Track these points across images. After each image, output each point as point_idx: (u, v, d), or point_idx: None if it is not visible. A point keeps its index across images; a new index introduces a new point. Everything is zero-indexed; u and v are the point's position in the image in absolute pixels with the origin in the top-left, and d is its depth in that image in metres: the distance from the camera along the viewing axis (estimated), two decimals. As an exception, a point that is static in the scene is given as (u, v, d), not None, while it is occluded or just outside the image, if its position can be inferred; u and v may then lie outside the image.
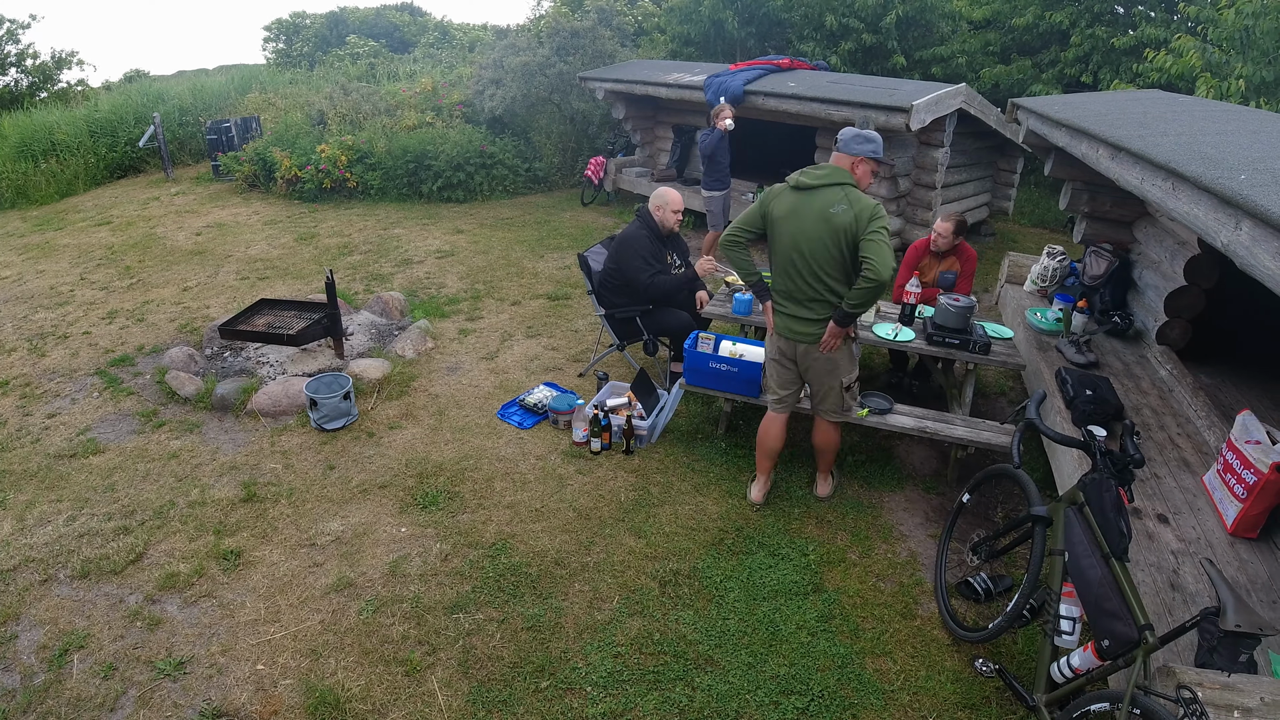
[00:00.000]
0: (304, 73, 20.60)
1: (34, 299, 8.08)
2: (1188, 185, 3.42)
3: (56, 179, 13.20)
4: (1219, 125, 4.72)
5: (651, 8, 18.51)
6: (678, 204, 5.87)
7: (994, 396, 6.37)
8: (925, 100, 7.68)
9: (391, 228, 10.78)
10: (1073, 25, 12.52)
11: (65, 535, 4.43)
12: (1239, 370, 5.45)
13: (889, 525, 4.71)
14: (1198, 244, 5.15)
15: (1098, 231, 6.48)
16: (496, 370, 6.49)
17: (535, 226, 10.97)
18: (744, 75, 9.45)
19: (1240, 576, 3.43)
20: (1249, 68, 8.58)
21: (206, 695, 3.44)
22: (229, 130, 13.90)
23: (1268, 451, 3.54)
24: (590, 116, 13.31)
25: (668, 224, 5.88)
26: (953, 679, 3.61)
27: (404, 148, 12.35)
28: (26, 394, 6.06)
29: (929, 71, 13.60)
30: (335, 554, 4.32)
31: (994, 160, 10.64)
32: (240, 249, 9.82)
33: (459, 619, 3.87)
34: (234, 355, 6.58)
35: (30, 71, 18.47)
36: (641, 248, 5.76)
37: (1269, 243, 2.71)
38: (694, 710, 3.42)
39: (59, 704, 3.37)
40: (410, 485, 4.94)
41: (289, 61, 25.61)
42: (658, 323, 5.90)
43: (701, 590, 4.11)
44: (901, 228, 9.25)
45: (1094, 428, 3.66)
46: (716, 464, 5.23)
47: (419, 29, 27.69)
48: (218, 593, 4.03)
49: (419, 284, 8.53)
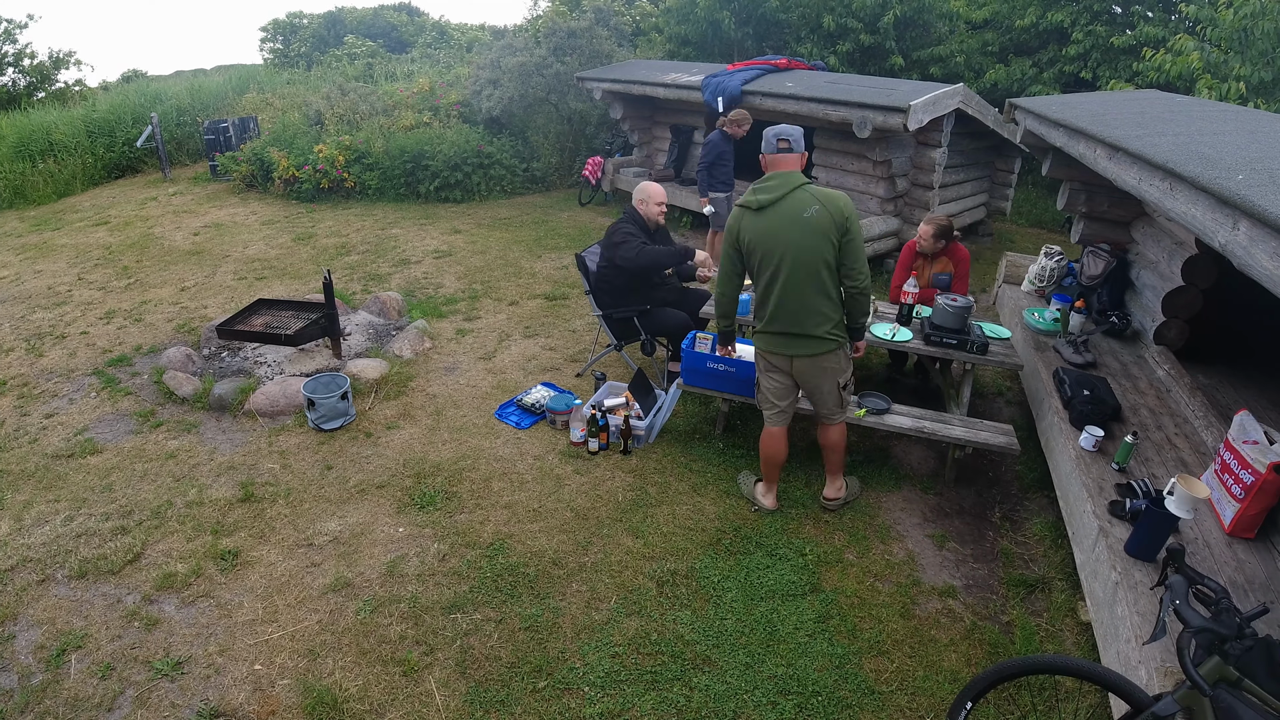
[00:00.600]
0: (301, 73, 20.61)
1: (31, 299, 8.07)
2: (1185, 185, 3.42)
3: (54, 179, 13.18)
4: (1216, 125, 4.72)
5: (649, 8, 18.51)
6: (659, 197, 5.89)
7: (991, 396, 6.37)
8: (923, 100, 7.68)
9: (389, 228, 10.78)
10: (1073, 24, 12.52)
11: (63, 535, 4.42)
12: (1236, 370, 5.45)
13: (886, 525, 4.71)
14: (1195, 244, 5.15)
15: (1095, 231, 6.48)
16: (494, 370, 6.49)
17: (533, 226, 10.96)
18: (741, 75, 9.45)
19: (1238, 577, 3.43)
20: (1247, 68, 8.59)
21: (204, 695, 3.44)
22: (226, 130, 13.91)
23: (1265, 451, 3.53)
24: (588, 116, 13.32)
25: (651, 217, 5.89)
26: (950, 679, 3.61)
27: (401, 148, 12.35)
28: (24, 394, 6.05)
29: (927, 72, 13.60)
30: (333, 554, 4.32)
31: (992, 160, 10.64)
32: (238, 249, 9.81)
33: (456, 619, 3.87)
34: (231, 355, 6.57)
35: (28, 71, 18.45)
36: (627, 226, 5.80)
37: (1266, 243, 2.71)
38: (691, 710, 3.42)
39: (56, 704, 3.37)
40: (408, 485, 4.93)
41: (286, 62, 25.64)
42: (655, 323, 5.90)
43: (699, 590, 4.11)
44: (899, 228, 9.25)
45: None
46: (714, 464, 5.23)
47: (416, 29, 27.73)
48: (215, 593, 4.03)
49: (416, 284, 8.52)
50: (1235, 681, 2.44)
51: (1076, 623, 3.93)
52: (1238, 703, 2.42)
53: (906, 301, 5.54)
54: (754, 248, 4.11)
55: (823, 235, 3.96)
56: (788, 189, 4.00)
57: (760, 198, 4.04)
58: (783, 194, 3.99)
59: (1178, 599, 2.53)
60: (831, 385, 4.37)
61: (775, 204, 4.01)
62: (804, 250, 4.00)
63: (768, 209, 4.03)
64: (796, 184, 4.00)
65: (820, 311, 4.13)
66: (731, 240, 4.20)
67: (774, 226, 4.02)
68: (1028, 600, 4.15)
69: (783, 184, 4.01)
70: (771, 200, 4.01)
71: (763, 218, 4.05)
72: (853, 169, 9.19)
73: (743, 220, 4.12)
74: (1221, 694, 2.45)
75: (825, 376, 4.32)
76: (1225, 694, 2.44)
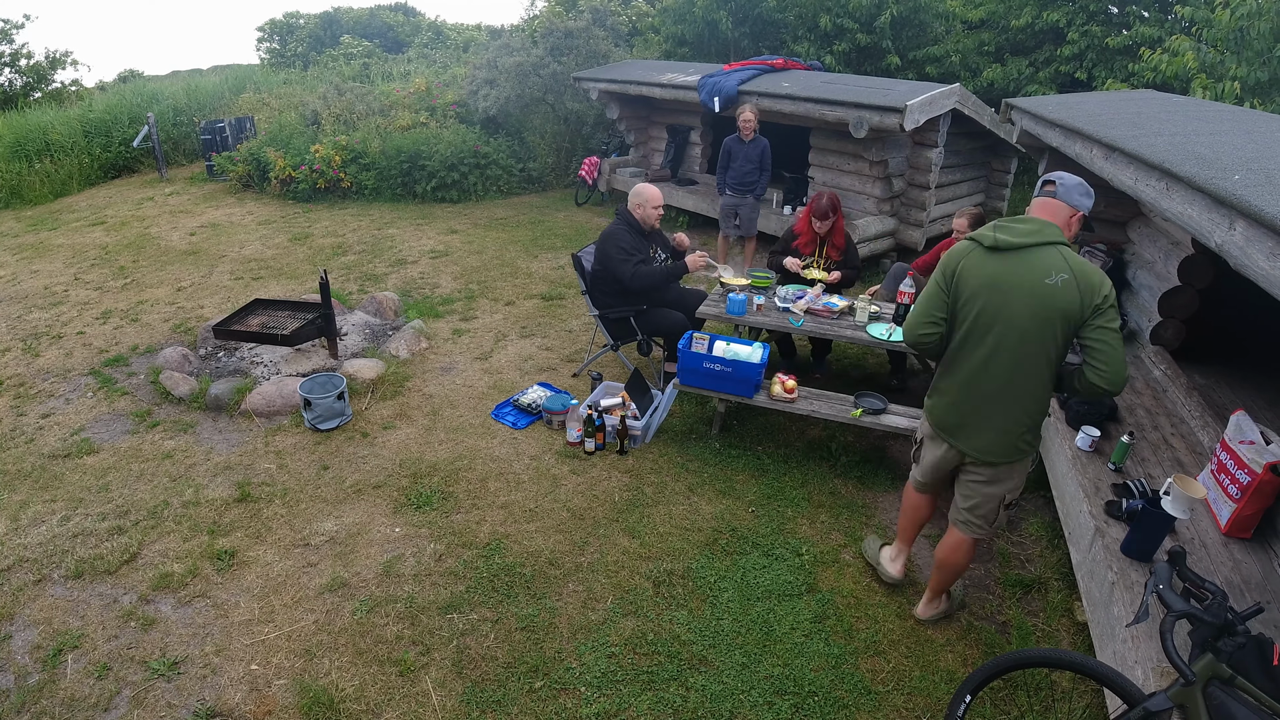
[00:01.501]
0: (298, 73, 20.60)
1: (28, 299, 8.05)
2: (1182, 185, 3.42)
3: (51, 179, 13.16)
4: (1213, 125, 4.73)
5: (645, 8, 18.50)
6: (656, 200, 5.88)
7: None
8: (919, 100, 7.69)
9: (385, 228, 10.77)
10: (1069, 24, 12.54)
11: (59, 535, 4.42)
12: (1233, 370, 5.46)
13: (883, 526, 4.71)
14: (1192, 244, 5.16)
15: (1091, 232, 6.49)
16: (490, 370, 6.49)
17: (529, 226, 10.96)
18: (738, 75, 9.46)
19: (1234, 577, 3.43)
20: (1244, 68, 8.61)
21: (201, 695, 3.43)
22: (223, 130, 13.90)
23: (1262, 452, 3.54)
24: (584, 117, 13.31)
25: (649, 221, 5.89)
26: (946, 679, 3.62)
27: (398, 148, 12.34)
28: (21, 394, 6.04)
29: (923, 72, 13.61)
30: (329, 554, 4.31)
31: (988, 160, 10.65)
32: (234, 249, 9.80)
33: (453, 619, 3.87)
34: (228, 355, 6.57)
35: (25, 72, 18.43)
36: (623, 241, 5.77)
37: (1263, 243, 2.71)
38: (688, 710, 3.42)
39: (53, 704, 3.36)
40: (404, 485, 4.93)
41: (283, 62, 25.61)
42: (652, 323, 5.90)
43: (695, 590, 4.11)
44: (895, 228, 9.27)
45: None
46: (710, 464, 5.22)
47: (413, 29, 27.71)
48: (212, 593, 4.02)
49: (413, 284, 8.52)
50: (1229, 679, 2.45)
51: (1073, 623, 3.94)
52: (1232, 700, 2.43)
53: (903, 302, 5.54)
54: (974, 296, 3.20)
55: (1055, 316, 3.05)
56: (1040, 240, 3.09)
57: (1003, 237, 3.14)
58: (1029, 243, 3.10)
59: (1161, 583, 2.54)
60: (997, 494, 3.51)
61: (1017, 251, 3.12)
62: (1023, 325, 3.12)
63: (1004, 254, 3.14)
64: (1051, 239, 3.09)
65: (1023, 409, 3.28)
66: (947, 276, 3.30)
67: (1003, 279, 3.13)
68: (1024, 600, 4.16)
69: (1038, 233, 3.10)
70: (1015, 245, 3.11)
71: (995, 262, 3.16)
72: (849, 169, 9.19)
73: (969, 257, 3.24)
74: (1215, 691, 2.47)
75: (994, 487, 3.50)
76: (1219, 691, 2.46)
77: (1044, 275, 3.03)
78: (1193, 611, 2.45)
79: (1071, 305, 3.00)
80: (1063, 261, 3.03)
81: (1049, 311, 3.04)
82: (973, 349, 3.27)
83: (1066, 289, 3.00)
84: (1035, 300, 3.05)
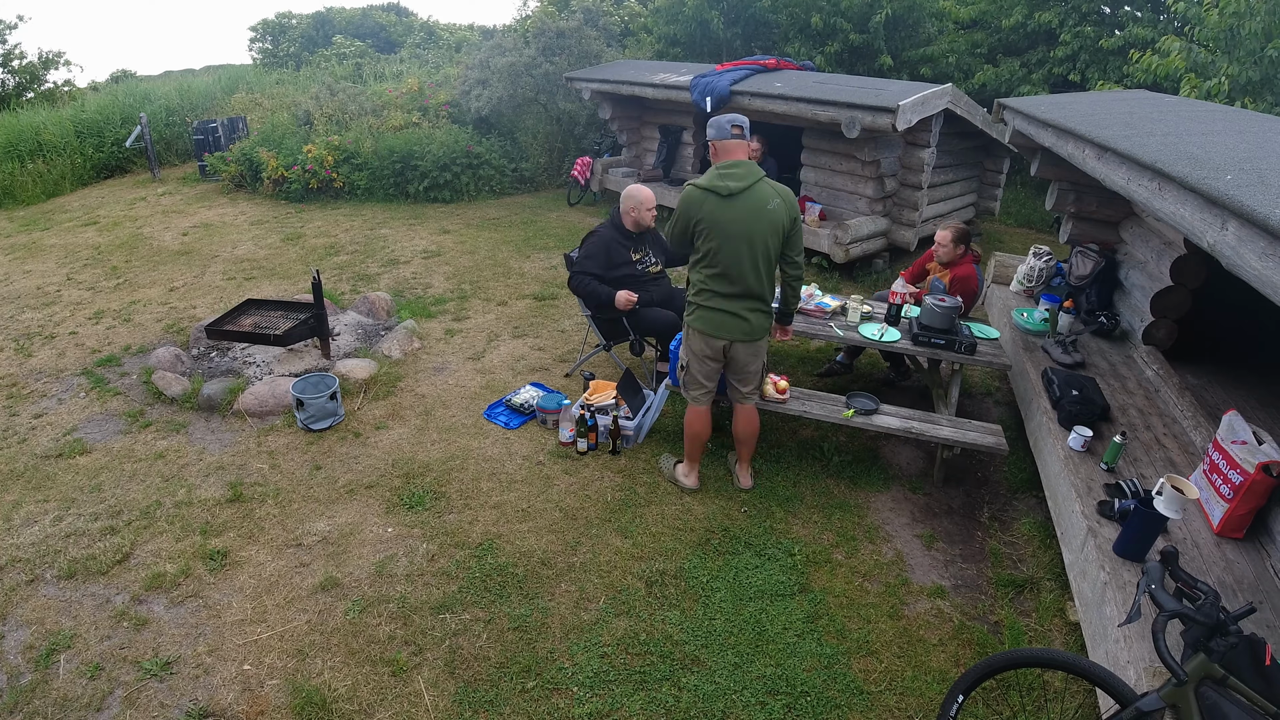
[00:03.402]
0: (290, 73, 20.52)
1: (20, 299, 8.02)
2: (1174, 185, 3.43)
3: (43, 179, 13.10)
4: (1205, 125, 4.74)
5: (637, 8, 18.50)
6: (650, 201, 5.87)
7: (980, 397, 6.39)
8: (911, 100, 7.70)
9: (378, 228, 10.75)
10: (1061, 25, 12.57)
11: (52, 535, 4.40)
12: (1225, 370, 5.48)
13: (875, 525, 4.72)
14: (1184, 244, 5.17)
15: (1084, 232, 6.50)
16: (483, 370, 6.48)
17: (522, 227, 10.95)
18: (730, 76, 9.45)
19: (1227, 577, 3.45)
20: (1234, 68, 8.63)
21: (193, 695, 3.42)
22: (215, 130, 13.86)
23: (1254, 452, 3.55)
24: (576, 117, 13.31)
25: (643, 222, 5.88)
26: (938, 679, 3.62)
27: (390, 148, 12.32)
28: (13, 394, 6.01)
29: (916, 72, 13.63)
30: (322, 554, 4.30)
31: (980, 160, 10.68)
32: (227, 249, 9.77)
33: (445, 619, 3.86)
34: (220, 355, 6.55)
35: (17, 72, 18.35)
36: (595, 247, 5.81)
37: (1255, 243, 2.71)
38: (680, 710, 3.42)
39: (45, 704, 3.35)
40: (397, 485, 4.92)
41: (275, 62, 25.50)
42: (644, 323, 5.89)
43: (688, 590, 4.11)
44: (888, 228, 9.27)
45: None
46: (702, 464, 5.22)
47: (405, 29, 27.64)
48: (204, 593, 4.01)
49: (405, 284, 8.51)
50: (1221, 679, 2.45)
51: (1065, 623, 3.95)
52: (1224, 700, 2.44)
53: (894, 301, 5.55)
54: (713, 234, 4.20)
55: (777, 229, 4.19)
56: (753, 179, 4.14)
57: (730, 184, 4.13)
58: (749, 184, 4.13)
59: (1153, 583, 2.54)
60: (758, 367, 4.68)
61: (744, 193, 4.14)
62: (761, 240, 4.18)
63: (736, 197, 4.13)
64: (759, 176, 4.17)
65: (759, 295, 4.36)
66: (688, 222, 4.29)
67: (739, 215, 4.15)
68: (1016, 600, 4.17)
69: (748, 174, 4.15)
70: (740, 189, 4.12)
71: (730, 206, 4.14)
72: (841, 169, 9.20)
73: (705, 204, 4.19)
74: (1208, 691, 2.47)
75: (754, 359, 4.61)
76: (1211, 691, 2.47)
77: (765, 203, 4.13)
78: (1185, 611, 2.46)
79: (783, 218, 4.19)
80: (773, 191, 4.17)
81: (773, 225, 4.17)
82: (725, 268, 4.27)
83: (779, 209, 4.17)
84: (763, 221, 4.15)
